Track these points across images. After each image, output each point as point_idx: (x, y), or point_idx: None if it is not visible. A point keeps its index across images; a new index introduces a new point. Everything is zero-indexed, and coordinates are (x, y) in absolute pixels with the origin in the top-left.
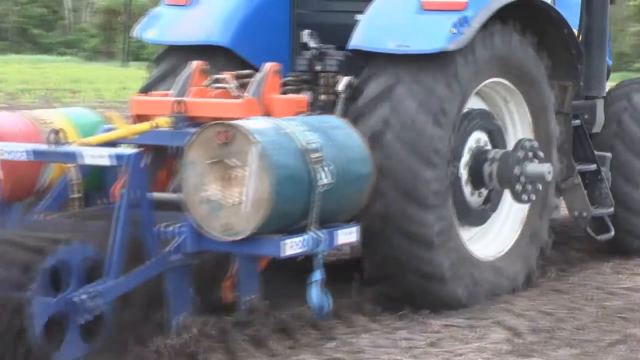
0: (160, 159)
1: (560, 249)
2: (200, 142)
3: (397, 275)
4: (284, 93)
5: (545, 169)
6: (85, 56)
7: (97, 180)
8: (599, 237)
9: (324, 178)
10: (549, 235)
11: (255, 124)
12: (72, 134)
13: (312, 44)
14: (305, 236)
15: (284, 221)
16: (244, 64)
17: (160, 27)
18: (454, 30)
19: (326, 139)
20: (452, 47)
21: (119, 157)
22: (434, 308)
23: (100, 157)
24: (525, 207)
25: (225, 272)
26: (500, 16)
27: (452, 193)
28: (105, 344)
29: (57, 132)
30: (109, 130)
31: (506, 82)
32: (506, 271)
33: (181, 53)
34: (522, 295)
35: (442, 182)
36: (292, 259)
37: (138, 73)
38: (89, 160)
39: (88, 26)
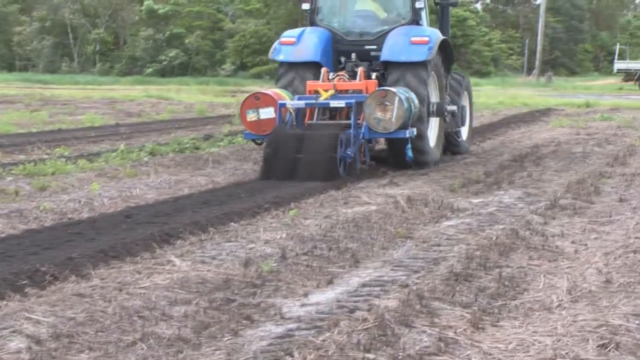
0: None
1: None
2: (372, 97)
3: (402, 153)
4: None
5: (455, 107)
6: None
7: (297, 117)
8: (459, 139)
9: (414, 108)
10: (444, 134)
11: (394, 89)
12: (287, 98)
13: (348, 59)
14: (410, 130)
15: (404, 125)
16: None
17: (284, 54)
18: (427, 52)
19: (410, 94)
20: (429, 58)
21: (348, 103)
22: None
23: (339, 103)
24: (440, 123)
25: (362, 149)
26: None
27: (427, 118)
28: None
29: (318, 93)
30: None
31: (434, 73)
32: (437, 151)
33: (293, 67)
34: (41, 302)
35: (426, 111)
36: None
37: None
38: (334, 105)
39: None
